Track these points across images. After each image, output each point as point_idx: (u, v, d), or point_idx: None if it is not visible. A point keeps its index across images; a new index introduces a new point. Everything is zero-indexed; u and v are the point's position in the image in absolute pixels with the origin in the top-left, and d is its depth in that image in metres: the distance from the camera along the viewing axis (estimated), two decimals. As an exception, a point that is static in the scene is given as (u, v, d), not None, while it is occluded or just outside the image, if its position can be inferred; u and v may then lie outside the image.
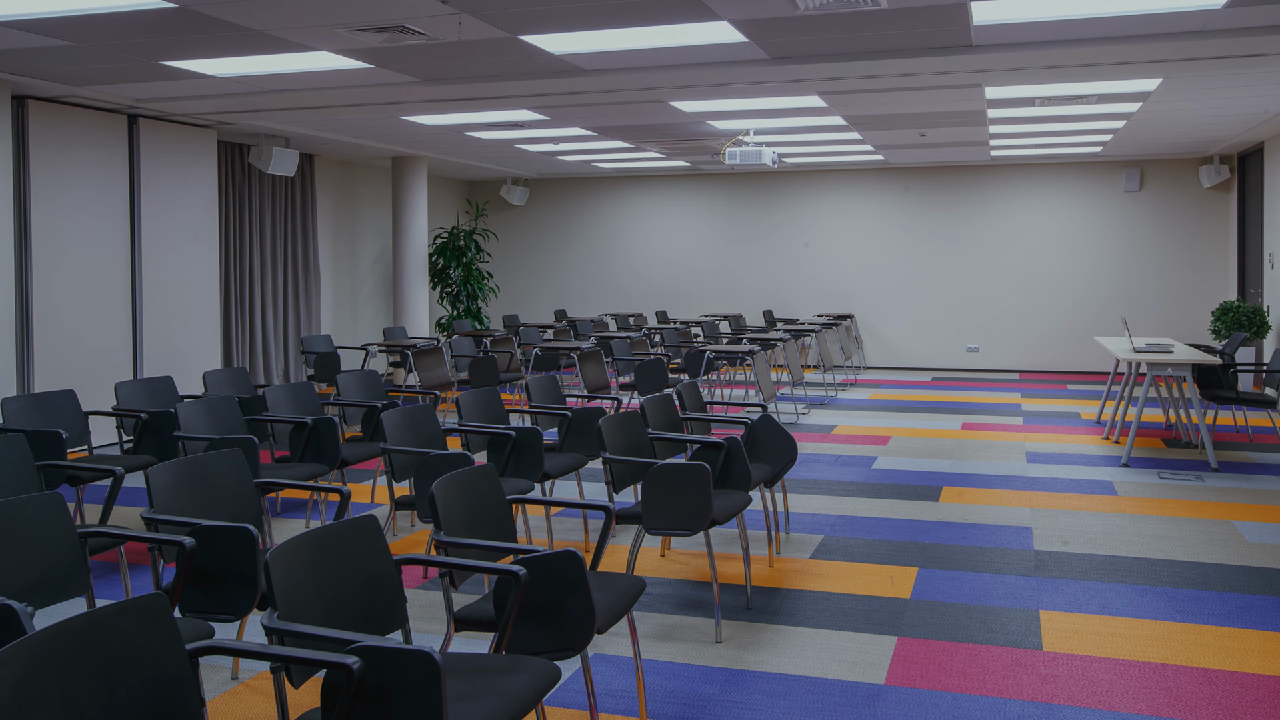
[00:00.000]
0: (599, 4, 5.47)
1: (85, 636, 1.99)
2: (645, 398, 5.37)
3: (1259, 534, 5.68)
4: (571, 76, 7.27)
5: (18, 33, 6.02)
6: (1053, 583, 4.83)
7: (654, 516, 4.06)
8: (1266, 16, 5.78)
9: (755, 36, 6.24)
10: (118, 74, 7.17)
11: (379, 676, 2.10)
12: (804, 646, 4.04)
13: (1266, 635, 4.14)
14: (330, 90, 7.80)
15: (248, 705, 3.54)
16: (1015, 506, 6.33)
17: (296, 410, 6.15)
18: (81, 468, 4.67)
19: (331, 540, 2.67)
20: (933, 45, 6.48)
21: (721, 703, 3.52)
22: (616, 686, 3.66)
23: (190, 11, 5.55)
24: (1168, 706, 3.47)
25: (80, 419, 5.77)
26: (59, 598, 3.02)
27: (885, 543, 5.54)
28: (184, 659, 2.14)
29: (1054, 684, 3.66)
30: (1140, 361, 7.70)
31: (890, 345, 14.27)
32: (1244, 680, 3.69)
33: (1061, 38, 6.31)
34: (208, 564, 3.11)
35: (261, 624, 2.40)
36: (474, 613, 3.00)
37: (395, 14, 5.63)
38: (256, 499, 3.78)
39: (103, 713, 1.97)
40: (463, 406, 5.58)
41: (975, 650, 3.98)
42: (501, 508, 3.41)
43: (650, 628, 4.27)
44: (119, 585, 4.85)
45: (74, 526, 3.10)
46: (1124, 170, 13.24)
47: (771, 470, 5.16)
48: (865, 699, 3.54)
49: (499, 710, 2.33)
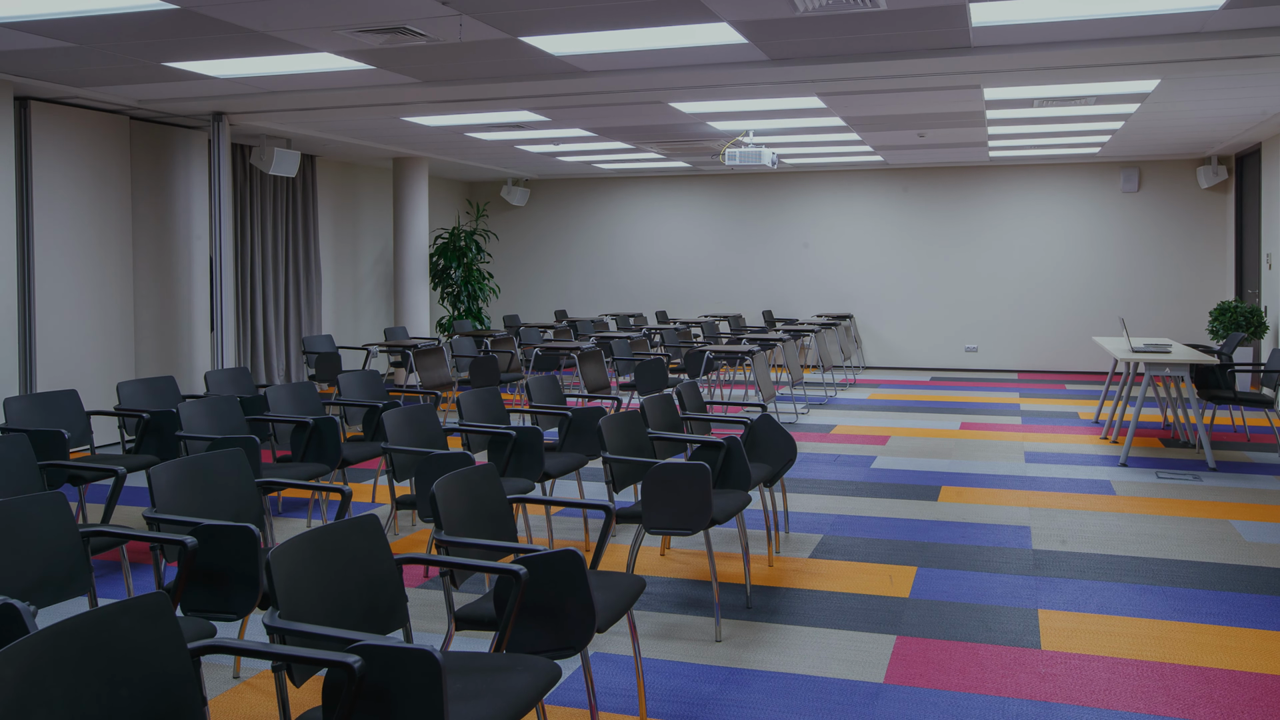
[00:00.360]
0: (599, 5, 5.47)
1: (87, 635, 1.98)
2: (645, 398, 5.36)
3: (1256, 533, 5.67)
4: (572, 78, 7.27)
5: (21, 34, 6.02)
6: (1051, 582, 4.83)
7: (654, 516, 4.06)
8: (1263, 18, 5.78)
9: (755, 38, 6.24)
10: (120, 75, 7.16)
11: (380, 675, 2.10)
12: (803, 645, 4.03)
13: (1264, 634, 4.14)
14: (331, 91, 7.80)
15: (249, 704, 3.53)
16: (1014, 506, 6.33)
17: (298, 410, 6.15)
18: (84, 467, 4.67)
19: (333, 539, 2.67)
20: (931, 46, 6.47)
21: (721, 701, 3.52)
22: (617, 685, 3.66)
23: (192, 13, 5.55)
24: (1165, 705, 3.47)
25: (83, 419, 5.77)
26: (61, 597, 3.02)
27: (884, 542, 5.54)
28: (186, 658, 2.14)
29: (1052, 683, 3.66)
30: (1138, 361, 7.70)
31: (889, 345, 14.26)
32: (1241, 679, 3.69)
33: (1059, 39, 6.30)
34: (209, 563, 3.11)
35: (263, 623, 2.40)
36: (475, 612, 3.00)
37: (397, 15, 5.63)
38: (258, 498, 3.78)
39: (105, 711, 1.97)
40: (463, 406, 5.58)
41: (974, 649, 3.98)
42: (502, 507, 3.40)
43: (650, 627, 4.26)
44: (121, 584, 4.84)
45: (76, 526, 3.10)
46: (1122, 171, 13.24)
47: (771, 470, 5.16)
48: (864, 697, 3.54)
49: (500, 709, 2.33)
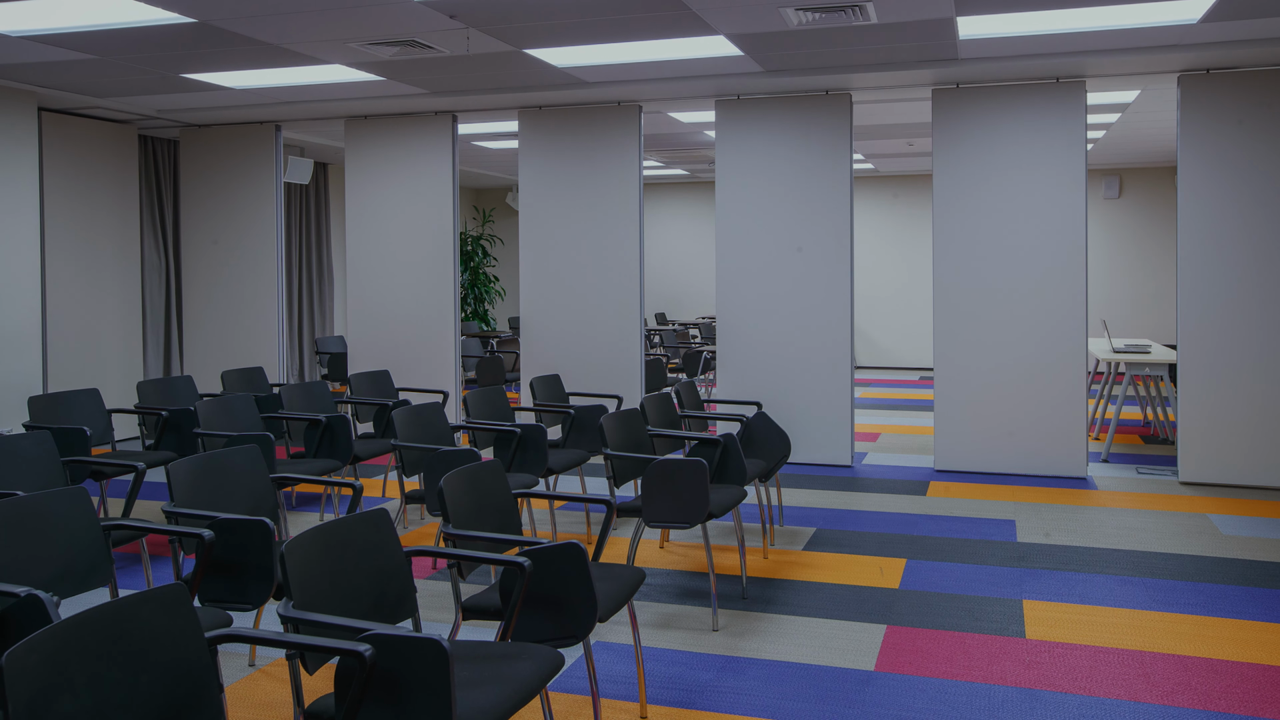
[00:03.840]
0: (600, 20, 5.47)
1: (109, 625, 1.99)
2: (645, 396, 5.37)
3: (1232, 526, 5.68)
4: (574, 88, 7.27)
5: (45, 47, 6.02)
6: (1035, 573, 4.83)
7: (653, 510, 4.06)
8: (1239, 31, 5.78)
9: (750, 50, 6.24)
10: (140, 86, 7.17)
11: (390, 663, 2.10)
12: (797, 634, 4.04)
13: (1239, 623, 4.14)
14: (343, 101, 7.80)
15: (264, 691, 3.54)
16: (999, 500, 6.33)
17: (311, 408, 6.15)
18: (105, 463, 4.67)
19: (344, 533, 2.67)
20: (920, 59, 6.48)
21: (718, 688, 3.52)
22: (617, 672, 3.67)
23: (209, 26, 5.55)
24: (1145, 691, 3.47)
25: (104, 417, 5.77)
26: (83, 588, 3.02)
27: (875, 535, 5.54)
28: (203, 646, 2.14)
29: (1036, 670, 3.66)
30: (1119, 361, 7.70)
31: (879, 345, 14.27)
32: (1218, 666, 3.70)
33: (1043, 51, 6.31)
34: (226, 555, 3.11)
35: (277, 613, 2.40)
36: (481, 602, 3.00)
37: (407, 29, 5.63)
38: (272, 493, 3.78)
39: (126, 698, 1.97)
40: (470, 404, 5.58)
41: (961, 638, 3.99)
42: (507, 501, 3.41)
43: (650, 616, 4.27)
44: (141, 576, 4.85)
45: (98, 520, 3.11)
46: (1104, 179, 13.24)
47: (766, 465, 5.16)
48: (856, 684, 3.54)
49: (505, 696, 2.33)
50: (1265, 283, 6.56)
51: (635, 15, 5.39)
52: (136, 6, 5.16)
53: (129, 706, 1.97)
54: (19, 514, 2.91)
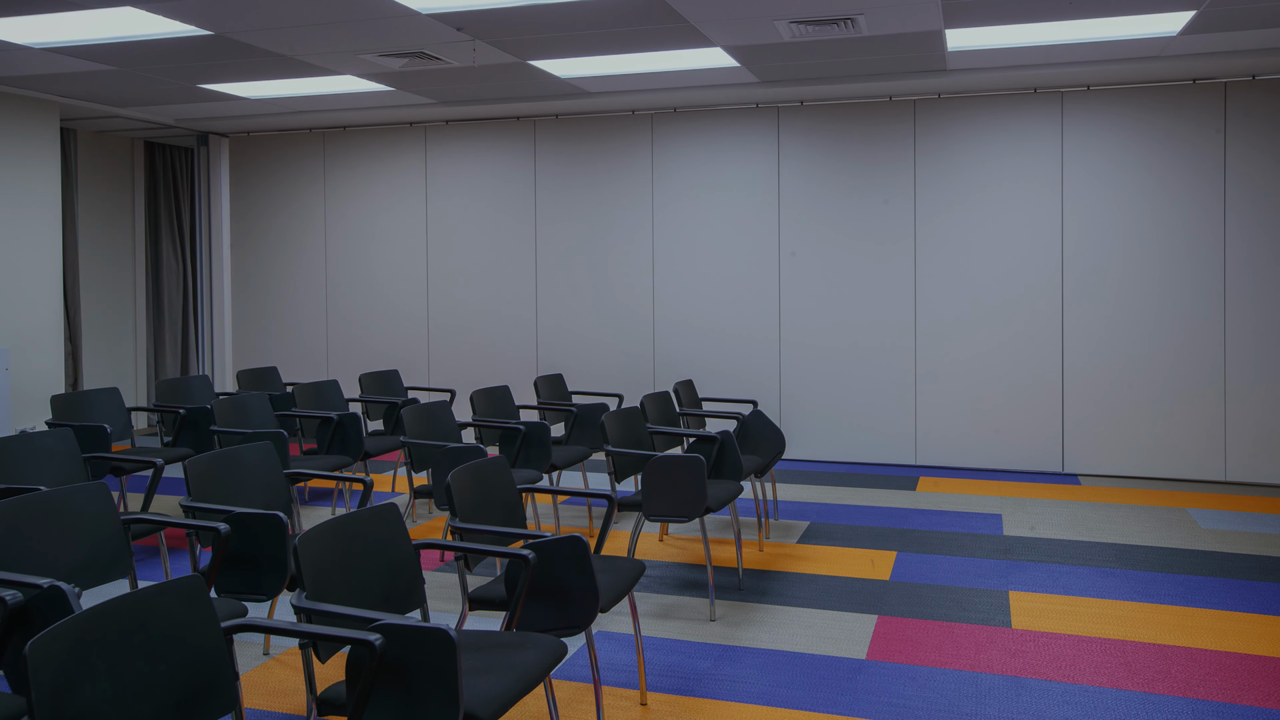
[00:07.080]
0: (602, 32, 5.47)
1: (128, 615, 1.99)
2: (645, 395, 5.37)
3: (1211, 521, 5.68)
4: (577, 98, 7.27)
5: (67, 58, 6.02)
6: (1021, 566, 4.83)
7: (653, 504, 4.06)
8: (1217, 44, 5.78)
9: (746, 61, 6.24)
10: (159, 95, 7.17)
11: (399, 652, 2.10)
12: (791, 624, 4.04)
13: (1217, 614, 4.14)
14: (353, 111, 7.80)
15: (278, 679, 3.54)
16: (987, 495, 6.33)
17: (323, 406, 6.15)
18: (125, 459, 4.67)
19: (355, 526, 2.67)
20: (910, 69, 6.48)
21: (715, 676, 3.52)
22: (618, 661, 3.67)
23: (225, 39, 5.55)
24: (1126, 679, 3.47)
25: (123, 414, 5.77)
26: (104, 579, 3.02)
27: (866, 528, 5.54)
28: (219, 636, 2.15)
29: (1021, 658, 3.66)
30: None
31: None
32: (1197, 655, 3.70)
33: (1028, 63, 6.30)
34: (241, 548, 3.12)
35: (291, 604, 2.40)
36: (487, 593, 3.00)
37: (416, 41, 5.63)
38: (286, 488, 3.78)
39: (145, 685, 1.97)
40: (476, 403, 5.58)
41: (949, 628, 3.99)
42: (512, 496, 3.41)
43: (650, 607, 4.27)
44: (159, 568, 4.85)
45: (118, 514, 3.11)
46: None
47: (761, 461, 5.16)
48: (848, 672, 3.55)
49: (510, 683, 2.34)
50: (1238, 285, 6.56)
51: (636, 28, 5.39)
52: (155, 20, 5.16)
53: (148, 693, 1.97)
54: (42, 508, 2.91)
